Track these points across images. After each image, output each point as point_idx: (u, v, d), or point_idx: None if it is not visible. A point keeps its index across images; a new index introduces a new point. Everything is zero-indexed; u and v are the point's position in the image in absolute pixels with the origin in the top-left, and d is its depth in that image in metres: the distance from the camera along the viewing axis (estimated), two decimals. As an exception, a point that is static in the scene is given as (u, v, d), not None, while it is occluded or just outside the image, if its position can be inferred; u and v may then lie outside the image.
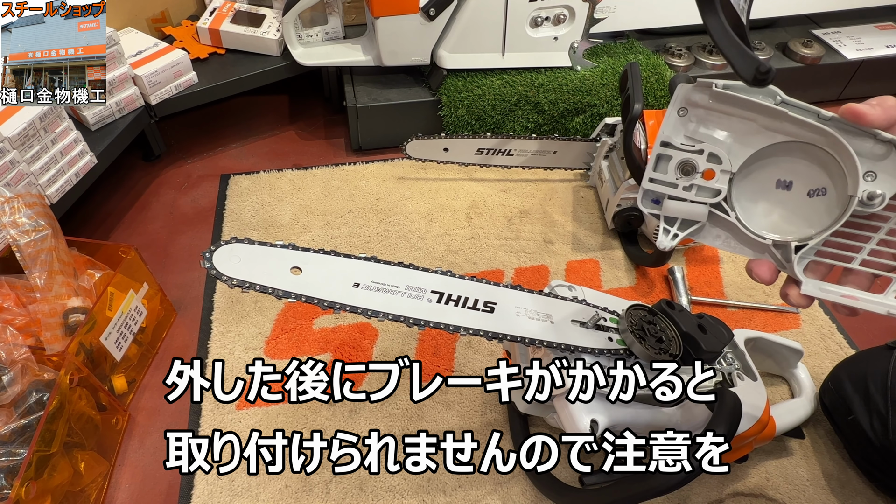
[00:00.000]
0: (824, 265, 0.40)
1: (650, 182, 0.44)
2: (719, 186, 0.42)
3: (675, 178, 0.43)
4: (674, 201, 0.44)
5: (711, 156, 0.42)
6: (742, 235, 0.43)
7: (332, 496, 0.74)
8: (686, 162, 0.43)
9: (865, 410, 0.72)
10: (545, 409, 0.67)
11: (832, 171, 0.39)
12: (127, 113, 1.06)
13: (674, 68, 1.32)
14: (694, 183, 0.43)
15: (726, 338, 0.68)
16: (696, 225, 0.44)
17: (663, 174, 0.44)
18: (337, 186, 1.17)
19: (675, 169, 0.43)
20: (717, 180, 0.42)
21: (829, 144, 0.38)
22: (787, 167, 0.41)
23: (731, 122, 0.41)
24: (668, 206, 0.44)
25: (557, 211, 1.15)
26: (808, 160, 0.40)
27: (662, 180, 0.44)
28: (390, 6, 1.06)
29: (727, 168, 0.42)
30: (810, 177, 0.40)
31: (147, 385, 0.86)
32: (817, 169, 0.40)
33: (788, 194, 0.41)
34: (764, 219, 0.42)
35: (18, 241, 0.73)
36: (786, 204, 0.41)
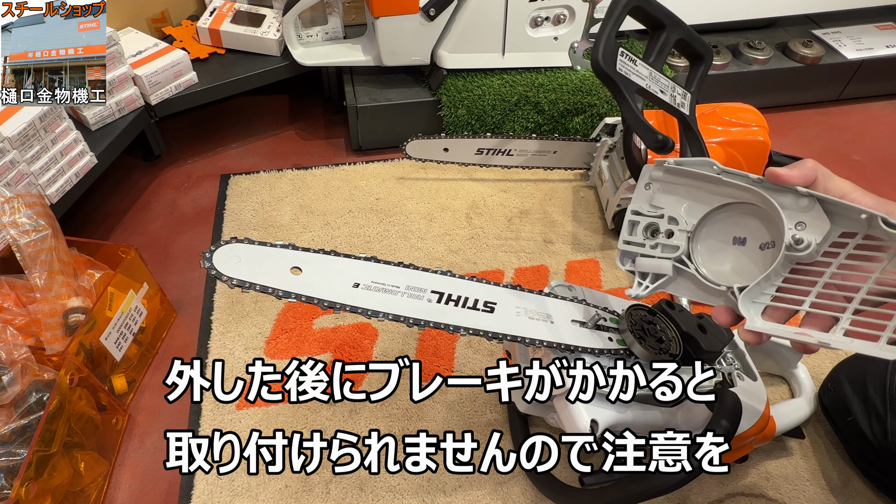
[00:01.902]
0: (781, 310, 0.44)
1: (625, 244, 0.53)
2: (678, 243, 0.50)
3: (643, 239, 0.52)
4: (644, 258, 0.52)
5: (671, 219, 0.50)
6: (703, 285, 0.50)
7: (332, 496, 0.74)
8: (651, 224, 0.52)
9: (864, 411, 0.72)
10: (545, 409, 0.67)
11: (774, 227, 0.45)
12: (127, 113, 1.06)
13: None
14: (659, 242, 0.51)
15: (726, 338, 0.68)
16: (665, 278, 0.51)
17: (634, 237, 0.53)
18: (337, 186, 1.17)
19: (642, 231, 0.52)
20: (677, 238, 0.50)
21: (761, 201, 0.44)
22: (740, 226, 0.48)
23: (684, 190, 0.50)
24: (640, 262, 0.53)
25: (557, 211, 1.15)
26: (756, 219, 0.46)
27: (634, 241, 0.53)
28: (390, 6, 1.06)
29: (683, 227, 0.50)
30: (759, 233, 0.47)
31: (147, 385, 0.86)
32: (763, 226, 0.46)
33: (744, 249, 0.48)
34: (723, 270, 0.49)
35: (18, 241, 0.73)
36: (741, 257, 0.48)
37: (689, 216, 0.49)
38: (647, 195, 0.52)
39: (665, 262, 0.51)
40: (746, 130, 0.94)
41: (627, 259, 0.54)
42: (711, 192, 0.48)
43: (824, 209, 0.41)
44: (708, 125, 0.94)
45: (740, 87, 1.36)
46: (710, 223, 0.49)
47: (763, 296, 0.45)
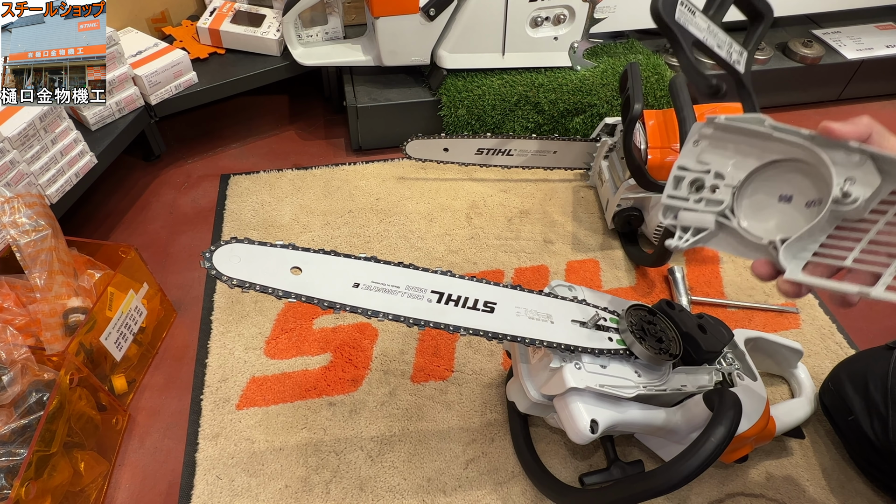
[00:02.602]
0: (822, 266, 0.44)
1: (669, 198, 0.53)
2: (723, 198, 0.50)
3: (687, 194, 0.52)
4: (687, 212, 0.52)
5: (717, 174, 0.50)
6: (744, 239, 0.49)
7: (332, 496, 0.74)
8: (697, 179, 0.51)
9: (865, 411, 0.72)
10: (545, 409, 0.67)
11: (822, 185, 0.45)
12: (127, 113, 1.06)
13: (674, 68, 1.32)
14: (703, 197, 0.51)
15: (726, 338, 0.68)
16: (706, 232, 0.51)
17: (678, 191, 0.53)
18: (337, 186, 1.17)
19: (687, 186, 0.52)
20: (721, 193, 0.50)
21: (811, 157, 0.44)
22: (788, 183, 0.48)
23: (732, 147, 0.50)
24: (683, 216, 0.53)
25: (557, 211, 1.15)
26: (804, 176, 0.46)
27: (678, 196, 0.53)
28: (390, 6, 1.06)
29: (729, 183, 0.50)
30: (806, 190, 0.46)
31: (147, 385, 0.86)
32: (811, 183, 0.46)
33: (789, 206, 0.48)
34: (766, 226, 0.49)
35: (18, 241, 0.73)
36: (786, 214, 0.48)
37: (736, 172, 0.49)
38: (694, 151, 0.51)
39: (708, 216, 0.51)
40: (746, 130, 0.94)
41: (670, 213, 0.53)
42: (760, 148, 0.48)
43: (876, 166, 0.41)
44: (708, 125, 0.94)
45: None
46: (756, 179, 0.49)
47: (805, 251, 0.45)
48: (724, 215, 0.50)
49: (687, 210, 0.52)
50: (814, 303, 0.99)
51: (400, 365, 0.88)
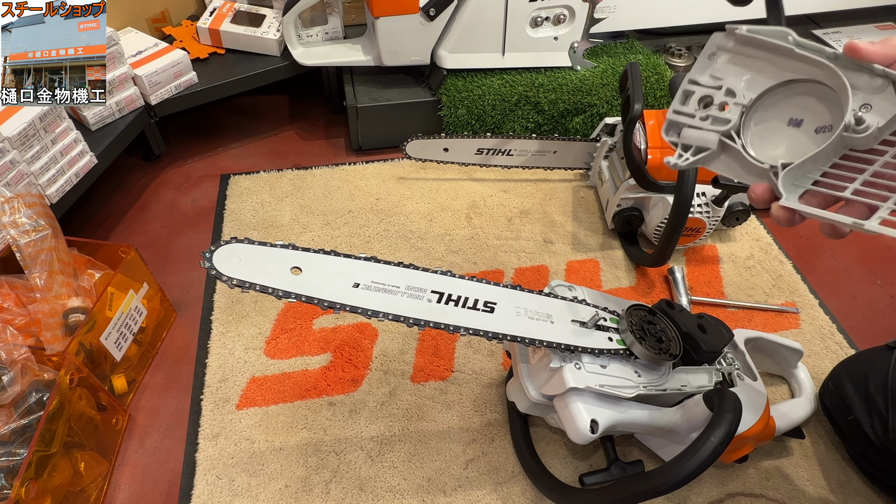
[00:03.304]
0: (821, 195, 0.43)
1: (674, 113, 0.51)
2: (730, 117, 0.48)
3: (694, 111, 0.50)
4: (691, 130, 0.50)
5: (728, 91, 0.48)
6: (745, 163, 0.48)
7: (332, 496, 0.74)
8: (706, 96, 0.49)
9: (866, 411, 0.72)
10: (545, 409, 0.67)
11: (837, 110, 0.43)
12: (127, 113, 1.06)
13: (674, 68, 1.32)
14: (710, 114, 0.49)
15: (726, 338, 0.68)
16: (707, 152, 0.49)
17: (685, 108, 0.51)
18: (337, 186, 1.17)
19: (696, 102, 0.50)
20: (730, 112, 0.48)
21: (830, 79, 0.42)
22: (799, 106, 0.46)
23: (749, 62, 0.48)
24: (686, 134, 0.50)
25: (557, 211, 1.15)
26: (818, 100, 0.44)
27: (684, 112, 0.50)
28: (390, 6, 1.06)
29: (740, 101, 0.47)
30: (819, 115, 0.44)
31: (147, 385, 0.86)
32: (824, 108, 0.44)
33: (797, 131, 0.46)
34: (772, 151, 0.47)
35: (18, 241, 0.73)
36: (794, 139, 0.46)
37: (749, 90, 0.47)
38: (708, 65, 0.50)
39: (712, 135, 0.49)
40: (746, 130, 0.94)
41: (673, 130, 0.51)
42: (779, 65, 0.46)
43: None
44: (708, 125, 0.94)
45: (740, 87, 1.36)
46: (768, 100, 0.47)
47: (806, 179, 0.44)
48: (729, 135, 0.48)
49: (691, 128, 0.50)
50: (814, 303, 0.99)
51: (400, 365, 0.88)
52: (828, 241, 1.12)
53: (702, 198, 0.97)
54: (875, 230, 0.38)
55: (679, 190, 0.84)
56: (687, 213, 0.85)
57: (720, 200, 0.96)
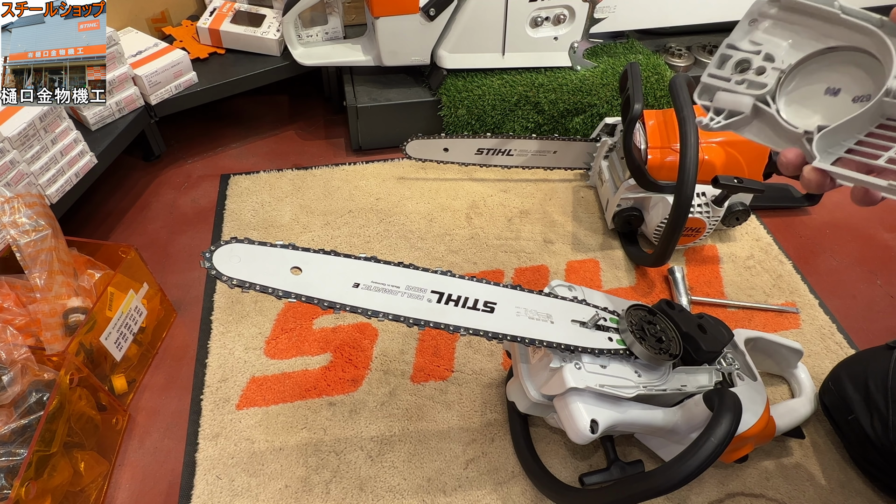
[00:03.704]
0: (854, 162, 0.42)
1: (709, 77, 0.51)
2: (767, 81, 0.48)
3: (730, 75, 0.50)
4: (725, 93, 0.50)
5: (767, 56, 0.48)
6: (778, 128, 0.48)
7: (332, 496, 0.74)
8: (744, 60, 0.49)
9: (866, 410, 0.72)
10: (545, 409, 0.67)
11: (878, 78, 0.43)
12: (127, 113, 1.06)
13: (674, 68, 1.32)
14: (746, 78, 0.49)
15: (726, 338, 0.68)
16: (740, 116, 0.49)
17: (721, 71, 0.51)
18: (337, 186, 1.17)
19: (732, 66, 0.50)
20: (767, 76, 0.48)
21: (875, 46, 0.42)
22: (838, 75, 0.45)
23: (791, 28, 0.48)
24: (719, 97, 0.50)
25: (557, 211, 1.15)
26: (859, 68, 0.44)
27: (720, 76, 0.51)
28: (390, 6, 1.06)
29: (778, 66, 0.48)
30: (858, 83, 0.44)
31: (147, 385, 0.86)
32: (865, 76, 0.44)
33: (834, 100, 0.46)
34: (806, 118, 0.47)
35: (18, 241, 0.73)
36: (830, 108, 0.46)
37: (789, 56, 0.47)
38: (748, 31, 0.50)
39: (746, 99, 0.49)
40: (746, 130, 0.94)
41: (706, 94, 0.52)
42: (822, 32, 0.46)
43: None
44: (708, 125, 0.94)
45: (740, 87, 1.36)
46: (807, 67, 0.47)
47: (839, 146, 0.44)
48: (764, 100, 0.48)
49: (725, 91, 0.50)
50: (814, 303, 0.99)
51: (400, 365, 0.88)
52: (828, 241, 1.12)
53: (702, 198, 0.97)
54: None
55: (679, 190, 0.84)
56: (687, 213, 0.85)
57: (720, 200, 0.96)
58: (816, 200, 1.16)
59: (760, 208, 1.16)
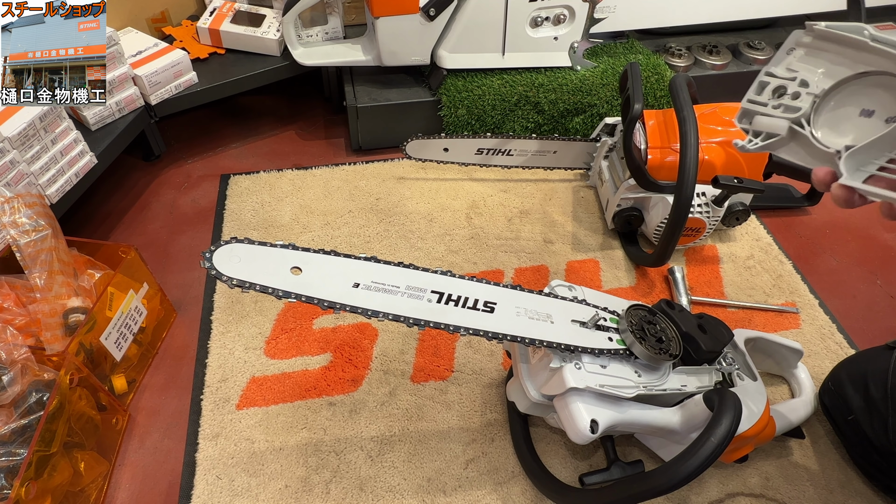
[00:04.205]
0: (885, 180, 0.44)
1: (748, 102, 0.54)
2: (802, 105, 0.50)
3: (767, 100, 0.53)
4: (763, 117, 0.53)
5: (802, 82, 0.51)
6: (812, 148, 0.50)
7: (332, 496, 0.74)
8: (781, 87, 0.52)
9: (865, 410, 0.72)
10: (545, 409, 0.67)
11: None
12: (127, 113, 1.06)
13: (674, 68, 1.32)
14: (782, 103, 0.52)
15: (726, 338, 0.68)
16: (776, 137, 0.52)
17: (759, 97, 0.54)
18: (337, 186, 1.17)
19: (770, 92, 0.53)
20: (802, 101, 0.51)
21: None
22: (871, 97, 0.48)
23: (825, 56, 0.51)
24: (757, 121, 0.54)
25: (557, 211, 1.15)
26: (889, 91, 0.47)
27: (758, 101, 0.54)
28: (390, 6, 1.06)
29: (812, 91, 0.50)
30: (890, 106, 0.46)
31: (147, 385, 0.86)
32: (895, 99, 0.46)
33: (868, 121, 0.48)
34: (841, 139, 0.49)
35: (18, 241, 0.73)
36: (864, 128, 0.48)
37: (822, 81, 0.50)
38: (784, 59, 0.53)
39: (782, 122, 0.51)
40: (746, 130, 0.94)
41: (746, 118, 0.55)
42: (854, 58, 0.48)
43: None
44: (708, 125, 0.94)
45: (740, 87, 1.35)
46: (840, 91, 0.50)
47: (871, 164, 0.45)
48: (799, 123, 0.51)
49: (763, 115, 0.53)
50: (814, 303, 0.99)
51: (400, 365, 0.88)
52: (828, 241, 1.12)
53: (702, 198, 0.97)
54: None
55: (679, 190, 0.84)
56: (687, 213, 0.85)
57: (720, 200, 0.96)
58: (816, 200, 1.16)
59: (760, 208, 1.16)
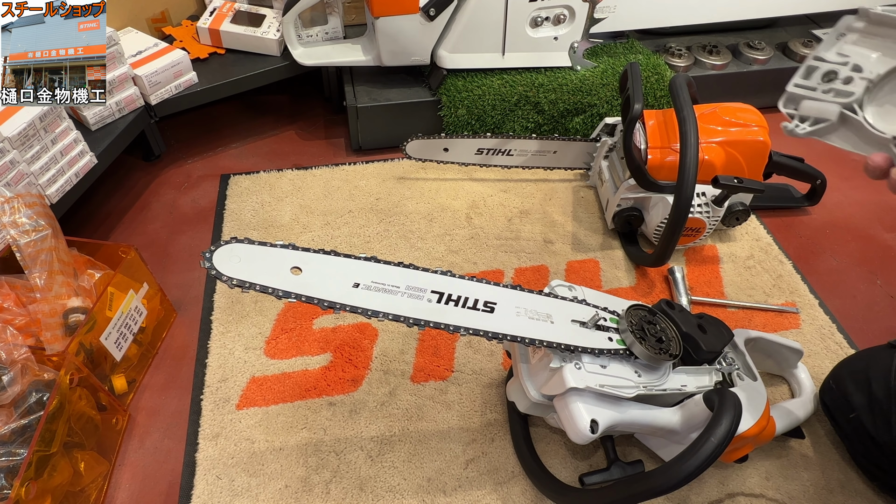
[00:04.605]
0: None
1: (795, 87, 0.53)
2: (854, 90, 0.50)
3: (816, 84, 0.52)
4: (811, 102, 0.52)
5: (855, 66, 0.50)
6: (866, 134, 0.50)
7: (332, 496, 0.74)
8: (831, 71, 0.51)
9: (868, 408, 0.72)
10: (545, 409, 0.67)
11: None
12: (127, 113, 1.06)
13: (674, 68, 1.32)
14: (833, 87, 0.51)
15: (726, 338, 0.68)
16: (826, 123, 0.51)
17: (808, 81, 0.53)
18: (337, 186, 1.17)
19: (819, 77, 0.52)
20: (854, 85, 0.50)
21: None
22: None
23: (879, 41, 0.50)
24: (805, 105, 0.53)
25: (557, 211, 1.15)
26: None
27: (806, 86, 0.53)
28: (390, 6, 1.06)
29: (867, 76, 0.49)
30: None
31: (147, 385, 0.86)
32: None
33: None
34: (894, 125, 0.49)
35: (18, 241, 0.73)
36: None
37: (878, 66, 0.50)
38: (836, 44, 0.52)
39: (832, 107, 0.51)
40: (746, 130, 0.94)
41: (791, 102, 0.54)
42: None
43: None
44: (708, 125, 0.94)
45: (740, 87, 1.36)
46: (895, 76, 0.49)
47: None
48: (851, 108, 0.50)
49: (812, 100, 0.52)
50: (814, 303, 0.99)
51: (400, 365, 0.88)
52: (828, 241, 1.12)
53: (702, 198, 0.97)
54: None
55: (679, 190, 0.84)
56: (687, 213, 0.85)
57: (720, 200, 0.96)
58: (816, 200, 1.16)
59: (760, 208, 1.16)
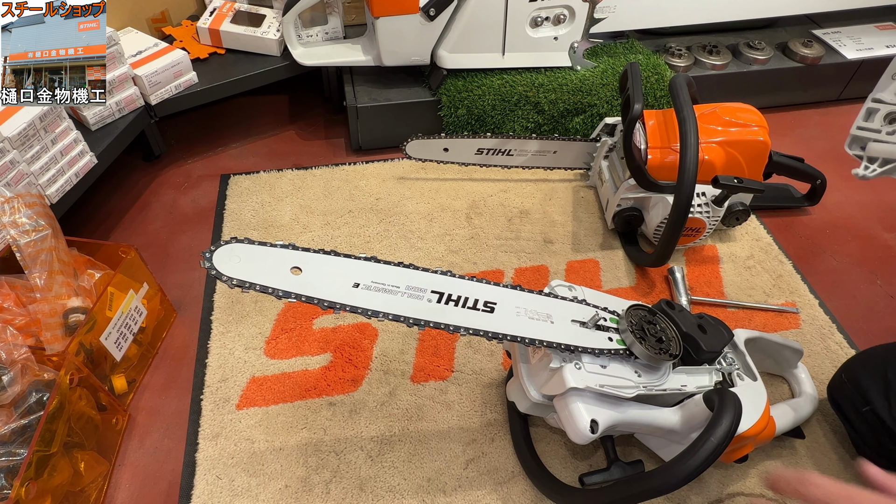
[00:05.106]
0: None
1: (858, 129, 0.55)
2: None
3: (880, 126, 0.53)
4: (877, 144, 0.53)
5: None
6: None
7: (332, 496, 0.74)
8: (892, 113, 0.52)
9: (884, 397, 0.71)
10: (545, 409, 0.67)
11: None
12: (127, 113, 1.06)
13: (674, 68, 1.32)
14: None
15: (726, 338, 0.68)
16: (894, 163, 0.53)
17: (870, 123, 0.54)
18: (337, 186, 1.17)
19: (881, 118, 0.53)
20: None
21: None
22: None
23: None
24: (872, 147, 0.54)
25: (557, 211, 1.15)
26: None
27: (869, 128, 0.54)
28: (390, 6, 1.06)
29: None
30: None
31: (147, 385, 0.86)
32: None
33: None
34: None
35: (18, 241, 0.73)
36: None
37: None
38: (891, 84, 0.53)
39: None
40: (746, 130, 0.94)
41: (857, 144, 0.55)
42: None
43: None
44: (708, 125, 0.94)
45: (740, 87, 1.36)
46: None
47: None
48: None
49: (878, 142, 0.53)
50: (814, 303, 0.99)
51: (400, 365, 0.88)
52: (828, 241, 1.12)
53: (702, 198, 0.97)
54: None
55: (679, 190, 0.84)
56: (687, 213, 0.85)
57: (720, 200, 0.96)
58: (816, 200, 1.16)
59: (760, 208, 1.16)
